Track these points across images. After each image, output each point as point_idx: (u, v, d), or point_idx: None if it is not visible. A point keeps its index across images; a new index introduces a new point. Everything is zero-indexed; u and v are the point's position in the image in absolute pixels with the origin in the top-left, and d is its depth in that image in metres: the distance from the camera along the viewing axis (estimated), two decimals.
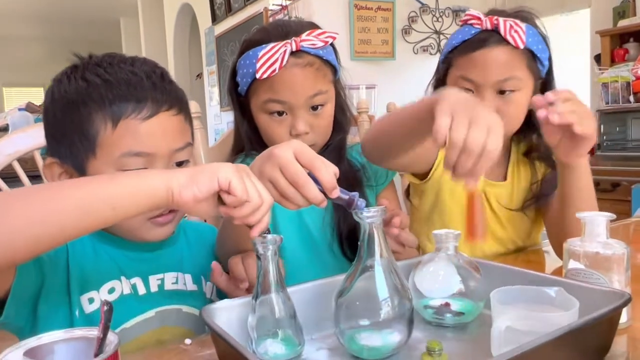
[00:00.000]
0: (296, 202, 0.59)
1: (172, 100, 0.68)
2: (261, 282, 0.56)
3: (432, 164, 1.02)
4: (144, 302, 0.70)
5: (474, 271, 0.67)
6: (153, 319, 0.70)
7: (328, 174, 0.57)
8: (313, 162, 0.57)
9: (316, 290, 0.65)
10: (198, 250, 0.80)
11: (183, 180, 0.53)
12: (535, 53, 0.95)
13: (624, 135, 2.94)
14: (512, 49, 0.93)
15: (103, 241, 0.71)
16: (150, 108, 0.65)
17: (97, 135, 0.64)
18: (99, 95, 0.64)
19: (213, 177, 0.53)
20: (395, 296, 0.57)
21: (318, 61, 0.89)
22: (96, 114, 0.64)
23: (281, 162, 0.57)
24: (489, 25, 0.94)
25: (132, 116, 0.64)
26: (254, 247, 0.56)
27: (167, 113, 0.67)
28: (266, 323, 0.56)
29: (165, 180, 0.53)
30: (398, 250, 0.79)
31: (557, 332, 0.47)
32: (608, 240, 0.64)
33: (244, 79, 0.90)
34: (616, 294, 0.56)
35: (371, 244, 0.58)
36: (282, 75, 0.86)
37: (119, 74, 0.66)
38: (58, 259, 0.66)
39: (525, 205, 1.04)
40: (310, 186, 0.57)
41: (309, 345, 0.61)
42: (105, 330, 0.38)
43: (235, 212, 0.55)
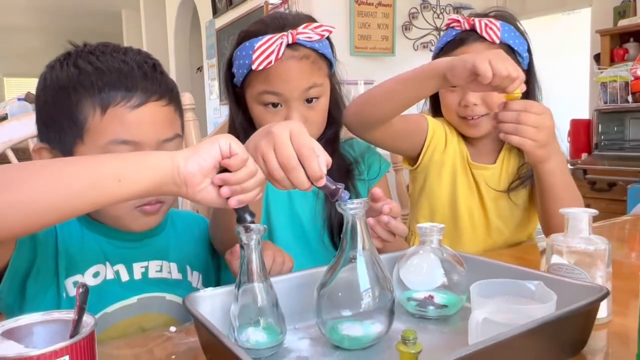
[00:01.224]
0: (283, 185, 0.59)
1: (162, 90, 0.68)
2: (244, 271, 0.57)
3: (420, 149, 1.07)
4: (127, 289, 0.71)
5: (458, 265, 0.68)
6: (135, 305, 0.71)
7: (315, 162, 0.58)
8: (302, 149, 0.57)
9: (299, 281, 0.66)
10: (185, 239, 0.80)
11: (186, 153, 0.55)
12: (513, 47, 1.02)
13: (621, 135, 2.95)
14: (489, 44, 1.01)
15: (90, 228, 0.72)
16: (140, 97, 0.66)
17: (85, 122, 0.65)
18: (90, 82, 0.65)
19: (214, 144, 0.55)
20: (376, 287, 0.58)
21: (314, 54, 0.90)
22: (85, 100, 0.65)
23: (276, 142, 0.58)
24: (467, 26, 1.03)
25: (121, 104, 0.65)
26: (238, 236, 0.57)
27: (157, 103, 0.67)
28: (248, 312, 0.57)
29: (170, 156, 0.55)
30: (388, 239, 0.80)
31: (531, 324, 0.47)
32: (590, 236, 0.65)
33: (240, 70, 0.91)
34: (595, 289, 0.56)
35: (354, 236, 0.59)
36: (277, 67, 0.87)
37: (110, 63, 0.66)
38: (48, 240, 0.67)
39: (510, 187, 1.08)
40: (297, 173, 0.58)
41: (292, 335, 0.62)
42: (81, 312, 0.38)
43: (232, 177, 0.56)
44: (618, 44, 3.06)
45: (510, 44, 1.01)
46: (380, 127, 0.94)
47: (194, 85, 5.56)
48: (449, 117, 1.09)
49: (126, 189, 0.53)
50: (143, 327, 0.70)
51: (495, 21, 1.01)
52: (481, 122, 1.04)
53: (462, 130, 1.09)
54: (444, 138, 1.08)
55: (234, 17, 4.22)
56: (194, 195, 0.56)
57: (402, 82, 0.91)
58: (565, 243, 0.65)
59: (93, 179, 0.52)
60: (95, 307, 0.68)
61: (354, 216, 0.59)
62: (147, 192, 0.55)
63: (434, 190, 1.10)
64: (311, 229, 0.95)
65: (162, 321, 0.72)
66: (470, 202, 1.09)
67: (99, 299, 0.68)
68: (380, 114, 0.92)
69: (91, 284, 0.69)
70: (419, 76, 0.88)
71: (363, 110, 0.94)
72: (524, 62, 1.05)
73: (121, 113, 0.65)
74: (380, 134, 0.96)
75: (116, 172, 0.52)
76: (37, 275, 0.65)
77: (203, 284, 0.80)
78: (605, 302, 0.63)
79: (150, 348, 0.61)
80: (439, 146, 1.08)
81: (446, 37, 1.07)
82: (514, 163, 1.10)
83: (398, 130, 0.99)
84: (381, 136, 0.97)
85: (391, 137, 1.00)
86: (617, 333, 0.63)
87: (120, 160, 0.55)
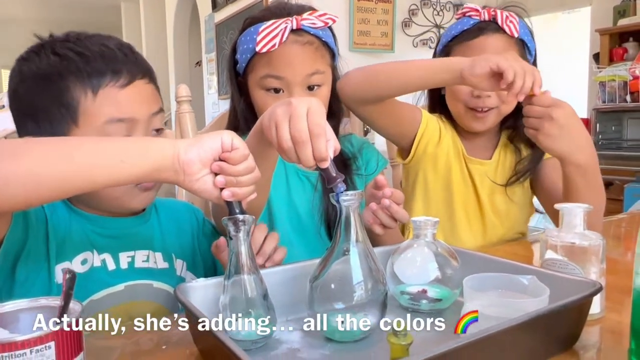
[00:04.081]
0: (289, 156, 0.60)
1: (144, 70, 0.71)
2: (233, 262, 0.56)
3: (411, 139, 1.06)
4: (113, 276, 0.71)
5: (452, 259, 0.67)
6: (122, 292, 0.71)
7: (323, 143, 0.58)
8: (314, 127, 0.58)
9: (292, 273, 0.65)
10: (169, 228, 0.80)
11: (188, 142, 0.57)
12: (526, 43, 1.03)
13: (619, 134, 2.95)
14: (508, 37, 1.01)
15: (77, 216, 0.72)
16: (126, 77, 0.68)
17: (78, 105, 0.66)
18: (76, 68, 0.66)
19: (217, 137, 0.57)
20: (369, 280, 0.58)
21: (317, 41, 0.90)
22: (74, 85, 0.66)
23: (293, 114, 0.59)
24: (487, 17, 1.02)
25: (111, 84, 0.67)
26: (226, 228, 0.56)
27: (142, 81, 0.70)
28: (238, 303, 0.56)
29: (171, 143, 0.56)
30: (389, 225, 0.80)
31: (523, 317, 0.47)
32: (585, 231, 0.64)
33: (244, 55, 0.91)
34: (588, 284, 0.56)
35: (347, 228, 0.59)
36: (281, 51, 0.88)
37: (91, 47, 0.68)
38: (39, 225, 0.67)
39: (508, 182, 1.08)
40: (305, 148, 0.58)
41: (283, 327, 0.61)
42: (67, 299, 0.38)
43: (230, 167, 0.57)
44: (617, 44, 3.06)
45: (524, 40, 1.02)
46: (375, 104, 0.94)
47: (192, 79, 5.55)
48: (456, 107, 1.06)
49: (128, 170, 0.54)
50: (131, 314, 0.70)
51: (515, 15, 1.02)
52: (489, 115, 1.03)
53: (466, 122, 1.06)
54: (438, 131, 1.08)
55: (234, 11, 4.20)
56: (190, 184, 0.57)
57: (411, 68, 0.91)
58: (560, 238, 0.64)
59: (97, 157, 0.54)
60: (83, 294, 0.68)
61: (347, 208, 0.58)
62: (146, 175, 0.56)
63: (427, 184, 1.09)
64: (309, 221, 0.95)
65: (150, 308, 0.72)
66: (465, 197, 1.08)
67: (86, 286, 0.68)
68: (379, 91, 0.92)
69: (79, 271, 0.69)
70: (432, 67, 0.90)
71: (362, 84, 0.93)
72: (531, 60, 1.05)
73: (112, 93, 0.67)
74: (373, 110, 0.96)
75: (120, 153, 0.54)
76: (28, 259, 0.65)
77: (190, 271, 0.80)
78: (598, 298, 0.63)
79: (139, 338, 0.61)
80: (433, 139, 1.07)
81: (462, 25, 1.05)
82: (510, 159, 1.10)
83: (391, 111, 0.99)
84: (373, 113, 0.97)
85: (383, 117, 1.00)
86: (610, 329, 0.62)
87: (124, 142, 0.58)
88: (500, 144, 1.10)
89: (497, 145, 1.10)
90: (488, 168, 1.09)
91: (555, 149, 0.87)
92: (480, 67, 0.81)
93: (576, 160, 0.87)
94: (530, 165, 1.07)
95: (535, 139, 0.87)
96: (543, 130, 0.85)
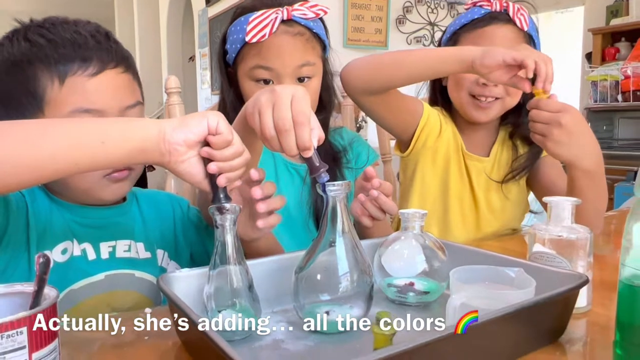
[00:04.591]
0: (271, 144, 0.59)
1: (118, 58, 0.69)
2: (219, 252, 0.55)
3: (411, 132, 1.04)
4: (93, 266, 0.70)
5: (439, 251, 0.67)
6: (102, 282, 0.70)
7: (306, 132, 0.57)
8: (298, 115, 0.57)
9: (278, 265, 0.64)
10: (150, 218, 0.79)
11: (174, 123, 0.55)
12: (534, 38, 1.03)
13: (610, 134, 2.97)
14: (518, 29, 1.01)
15: (57, 205, 0.71)
16: (97, 65, 0.66)
17: (44, 94, 0.65)
18: (44, 55, 0.65)
19: (203, 118, 0.55)
20: (355, 271, 0.57)
21: (308, 32, 0.89)
22: (42, 72, 0.65)
23: (276, 101, 0.58)
24: (499, 7, 1.02)
25: (79, 73, 0.65)
26: (212, 217, 0.55)
27: (114, 71, 0.68)
28: (223, 294, 0.55)
29: (156, 123, 0.55)
30: (377, 217, 0.79)
31: (508, 309, 0.47)
32: (573, 225, 0.64)
33: (234, 45, 0.90)
34: (574, 276, 0.56)
35: (334, 219, 0.58)
36: (271, 42, 0.87)
37: (63, 34, 0.66)
38: (20, 213, 0.66)
39: (504, 179, 1.07)
40: (289, 136, 0.57)
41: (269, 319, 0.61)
42: (41, 284, 0.37)
43: (218, 154, 0.56)
44: (610, 43, 3.07)
45: (532, 35, 1.02)
46: (379, 95, 0.93)
47: (185, 74, 5.51)
48: (459, 95, 1.04)
49: (109, 151, 0.52)
50: (112, 304, 0.69)
51: (525, 9, 1.02)
52: (492, 106, 1.02)
53: (468, 112, 1.03)
54: (439, 125, 1.06)
55: (227, 5, 4.17)
56: (175, 165, 0.56)
57: (419, 58, 0.90)
58: (548, 231, 0.64)
59: (77, 138, 0.52)
60: (62, 284, 0.67)
61: (334, 198, 0.58)
62: (130, 157, 0.54)
63: (425, 177, 1.08)
64: (297, 214, 0.94)
65: (131, 298, 0.71)
66: (461, 192, 1.08)
67: (65, 276, 0.67)
68: (385, 81, 0.91)
69: (59, 260, 0.68)
70: (442, 57, 0.89)
71: (367, 74, 0.92)
72: None
73: (80, 82, 0.65)
74: (376, 101, 0.95)
75: (100, 134, 0.52)
76: (7, 247, 0.64)
77: (171, 258, 0.79)
78: (585, 291, 0.63)
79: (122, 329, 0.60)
80: (433, 132, 1.05)
81: (472, 14, 1.04)
82: (507, 156, 1.09)
83: (394, 103, 0.97)
84: (376, 104, 0.96)
85: (386, 108, 0.98)
86: (596, 323, 0.62)
87: (105, 122, 0.56)
88: (498, 140, 1.09)
89: (495, 142, 1.09)
90: (486, 165, 1.08)
91: (564, 155, 0.87)
92: (491, 58, 0.80)
93: (584, 166, 0.87)
94: (527, 163, 1.06)
95: (544, 146, 0.87)
96: (552, 137, 0.84)
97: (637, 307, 0.46)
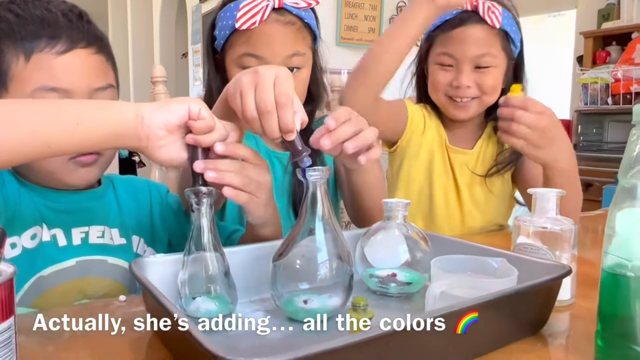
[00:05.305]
0: (253, 127, 0.57)
1: (90, 38, 0.67)
2: (194, 237, 0.54)
3: (401, 132, 1.06)
4: (64, 252, 0.68)
5: (422, 242, 0.66)
6: (73, 268, 0.67)
7: (289, 113, 0.56)
8: (281, 97, 0.55)
9: (257, 253, 0.63)
10: (127, 204, 0.77)
11: (153, 106, 0.53)
12: (510, 34, 1.02)
13: (600, 137, 2.98)
14: (489, 28, 1.00)
15: (27, 189, 0.69)
16: (65, 44, 0.64)
17: (8, 70, 0.63)
18: (12, 30, 0.63)
19: (184, 103, 0.54)
20: (334, 259, 0.56)
21: (299, 22, 0.88)
22: (7, 48, 0.63)
23: (259, 82, 0.56)
24: (469, 7, 1.01)
25: (46, 50, 0.63)
26: (188, 199, 0.54)
27: (85, 50, 0.66)
28: (198, 279, 0.54)
29: (133, 106, 0.53)
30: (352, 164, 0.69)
31: (488, 296, 0.45)
32: (557, 216, 0.63)
33: (222, 32, 0.88)
34: (557, 267, 0.55)
35: (314, 205, 0.57)
36: (261, 30, 0.85)
37: (32, 11, 0.65)
38: None
39: (488, 173, 1.08)
40: (271, 118, 0.56)
41: (246, 307, 0.59)
42: None
43: (204, 138, 0.54)
44: (601, 47, 3.09)
45: (508, 30, 1.01)
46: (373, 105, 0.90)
47: (178, 71, 5.47)
48: (437, 96, 1.06)
49: (83, 134, 0.51)
50: (84, 291, 0.67)
51: (498, 6, 1.01)
52: (470, 104, 1.03)
53: (448, 111, 1.06)
54: (423, 121, 1.07)
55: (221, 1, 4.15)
56: (153, 150, 0.54)
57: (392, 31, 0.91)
58: (532, 223, 0.63)
59: (50, 118, 0.50)
60: (31, 271, 0.65)
61: (314, 184, 0.56)
62: (105, 141, 0.52)
63: (410, 171, 1.08)
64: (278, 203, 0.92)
65: (104, 285, 0.69)
66: (445, 186, 1.08)
67: (34, 262, 0.65)
68: (382, 68, 0.89)
69: (28, 246, 0.66)
70: (406, 14, 0.89)
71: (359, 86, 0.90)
72: (516, 50, 1.05)
73: (47, 59, 0.63)
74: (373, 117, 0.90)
75: (74, 115, 0.51)
76: None
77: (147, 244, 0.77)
78: (569, 284, 0.62)
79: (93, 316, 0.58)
80: (418, 129, 1.07)
81: (444, 16, 1.03)
82: (492, 150, 1.09)
83: (388, 114, 0.98)
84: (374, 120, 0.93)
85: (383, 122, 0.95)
86: (580, 316, 0.61)
87: (80, 104, 0.55)
88: (484, 135, 1.10)
89: (481, 137, 1.10)
90: (469, 158, 1.08)
91: (542, 158, 0.88)
92: None
93: (559, 166, 0.88)
94: (511, 158, 1.07)
95: (524, 150, 0.87)
96: (533, 142, 0.85)
97: (619, 297, 0.45)
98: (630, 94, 2.73)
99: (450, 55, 1.01)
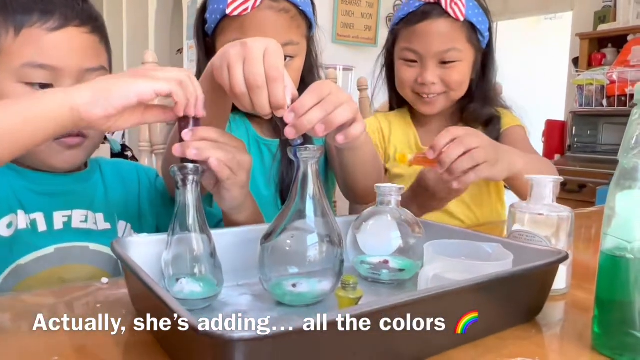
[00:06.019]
0: (242, 102, 0.55)
1: (84, 17, 0.65)
2: (179, 215, 0.52)
3: None
4: (43, 239, 0.65)
5: (416, 227, 0.64)
6: (52, 255, 0.65)
7: (280, 88, 0.53)
8: (272, 70, 0.53)
9: (245, 236, 0.61)
10: (113, 188, 0.75)
11: (88, 95, 0.48)
12: (476, 25, 0.99)
13: (594, 138, 2.98)
14: (453, 21, 0.97)
15: (5, 172, 0.66)
16: (58, 20, 0.62)
17: None
18: (3, 3, 0.62)
19: (131, 86, 0.49)
20: (325, 242, 0.54)
21: (294, 10, 0.84)
22: None
23: (247, 56, 0.53)
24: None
25: (37, 25, 0.62)
26: (173, 177, 0.52)
27: (78, 29, 0.64)
28: (182, 260, 0.52)
29: (66, 99, 0.48)
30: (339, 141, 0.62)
31: (482, 278, 0.44)
32: (554, 203, 0.62)
33: (213, 16, 0.85)
34: (552, 253, 0.53)
35: (304, 185, 0.55)
36: (254, 16, 0.81)
37: None
38: None
39: None
40: (261, 93, 0.53)
41: (233, 291, 0.57)
42: None
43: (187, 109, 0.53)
44: (597, 49, 3.09)
45: (473, 22, 0.99)
46: None
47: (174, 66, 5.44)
48: (404, 92, 1.05)
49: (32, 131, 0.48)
50: (64, 279, 0.64)
51: None
52: (437, 100, 1.01)
53: (416, 107, 1.05)
54: (381, 135, 1.09)
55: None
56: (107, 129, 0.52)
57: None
58: (528, 210, 0.62)
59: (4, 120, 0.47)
60: (8, 260, 0.62)
61: (305, 163, 0.54)
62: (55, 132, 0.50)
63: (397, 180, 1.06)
64: (265, 191, 0.91)
65: (86, 272, 0.66)
66: None
67: (11, 251, 0.63)
68: None
69: (4, 234, 0.63)
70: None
71: None
72: (484, 41, 1.02)
73: (37, 34, 0.61)
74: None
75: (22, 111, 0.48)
76: None
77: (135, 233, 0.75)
78: (564, 272, 0.60)
79: (74, 298, 0.56)
80: (380, 144, 1.09)
81: (408, 8, 1.01)
82: None
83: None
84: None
85: None
86: (575, 305, 0.60)
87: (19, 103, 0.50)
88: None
89: None
90: None
91: (500, 172, 0.78)
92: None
93: (519, 169, 0.81)
94: None
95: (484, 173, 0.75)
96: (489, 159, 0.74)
97: (618, 280, 0.43)
98: (625, 96, 2.73)
99: (414, 51, 0.99)
